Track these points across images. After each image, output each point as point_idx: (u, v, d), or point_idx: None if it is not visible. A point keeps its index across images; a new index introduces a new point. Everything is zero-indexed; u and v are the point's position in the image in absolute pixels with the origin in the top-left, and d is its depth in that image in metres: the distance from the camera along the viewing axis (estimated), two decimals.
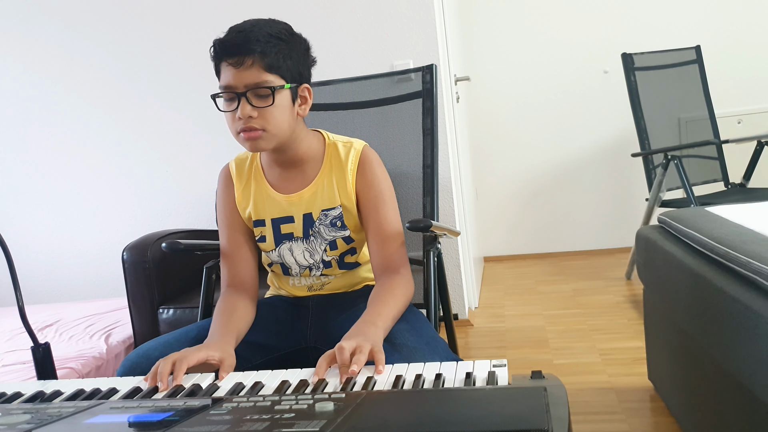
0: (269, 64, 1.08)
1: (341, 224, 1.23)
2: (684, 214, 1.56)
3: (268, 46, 1.08)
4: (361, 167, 1.22)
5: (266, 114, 1.10)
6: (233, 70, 1.08)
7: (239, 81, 1.08)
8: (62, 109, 2.85)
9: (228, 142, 2.75)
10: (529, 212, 3.84)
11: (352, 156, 1.22)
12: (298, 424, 0.60)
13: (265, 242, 1.25)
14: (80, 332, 2.16)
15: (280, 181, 1.24)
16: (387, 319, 1.05)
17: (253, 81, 1.08)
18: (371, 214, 1.21)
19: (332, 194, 1.22)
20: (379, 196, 1.21)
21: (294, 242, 1.24)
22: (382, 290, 1.14)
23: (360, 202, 1.22)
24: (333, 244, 1.23)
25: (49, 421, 0.68)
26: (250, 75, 1.08)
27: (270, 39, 1.08)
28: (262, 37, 1.08)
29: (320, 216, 1.22)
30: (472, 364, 0.80)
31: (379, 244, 1.20)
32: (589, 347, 2.27)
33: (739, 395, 1.14)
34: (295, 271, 1.26)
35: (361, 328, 0.99)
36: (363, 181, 1.21)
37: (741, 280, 1.13)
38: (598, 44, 3.57)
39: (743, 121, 3.39)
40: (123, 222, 2.89)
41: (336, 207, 1.22)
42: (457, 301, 2.65)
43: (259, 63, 1.08)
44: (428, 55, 2.50)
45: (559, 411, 0.58)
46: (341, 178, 1.21)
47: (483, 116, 3.77)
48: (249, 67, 1.07)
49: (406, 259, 1.22)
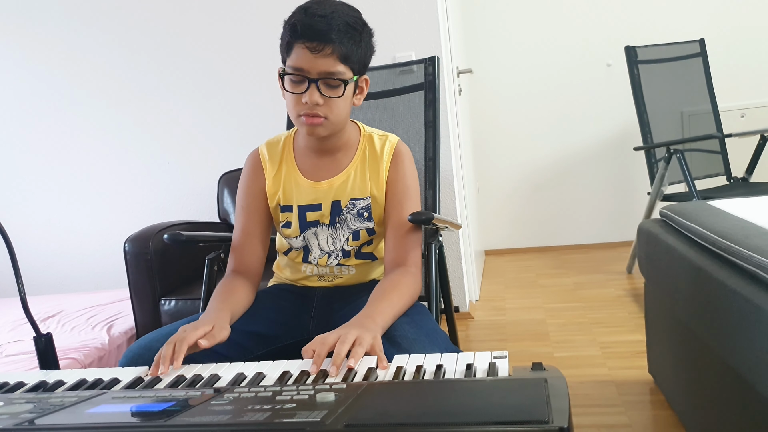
0: (344, 56, 1.08)
1: (368, 215, 1.23)
2: (686, 208, 1.56)
3: (346, 37, 1.08)
4: (395, 159, 1.23)
5: (332, 103, 1.11)
6: (309, 54, 1.07)
7: (314, 67, 1.07)
8: (64, 101, 2.85)
9: (230, 135, 2.75)
10: (530, 205, 3.84)
11: (388, 148, 1.23)
12: (300, 414, 0.60)
13: (290, 228, 1.25)
14: (82, 323, 2.16)
15: (311, 168, 1.24)
16: (387, 317, 1.03)
17: (327, 70, 1.08)
18: (395, 207, 1.21)
19: (364, 184, 1.22)
20: (406, 192, 1.22)
21: (320, 228, 1.24)
22: (388, 285, 1.13)
23: (387, 194, 1.23)
24: (356, 235, 1.24)
25: (52, 411, 0.68)
26: (326, 63, 1.07)
27: (348, 29, 1.08)
28: (342, 26, 1.07)
29: (348, 205, 1.23)
30: (472, 356, 0.80)
31: (396, 239, 1.20)
32: (589, 340, 2.27)
33: (740, 388, 1.14)
34: (315, 256, 1.26)
35: (361, 321, 0.99)
36: (394, 174, 1.22)
37: (743, 274, 1.13)
38: (601, 37, 3.56)
39: (746, 114, 3.38)
40: (125, 213, 2.89)
41: (365, 197, 1.22)
42: (458, 293, 2.66)
43: (336, 53, 1.07)
44: (430, 47, 2.49)
45: (560, 402, 0.58)
46: (374, 169, 1.22)
47: (485, 109, 3.76)
48: (326, 55, 1.07)
49: (419, 260, 1.22)
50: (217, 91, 2.73)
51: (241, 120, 2.73)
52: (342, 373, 0.83)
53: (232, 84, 2.71)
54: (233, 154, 2.74)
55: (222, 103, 2.74)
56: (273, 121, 2.63)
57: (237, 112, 2.73)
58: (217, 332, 0.98)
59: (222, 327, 1.01)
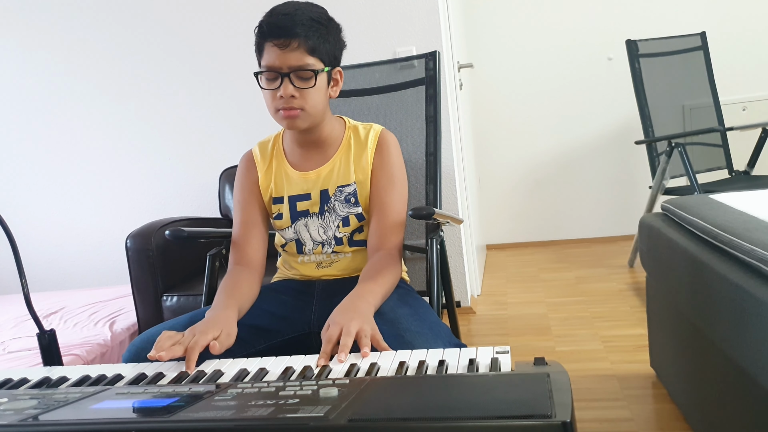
0: (311, 48, 1.14)
1: (355, 200, 1.27)
2: (687, 202, 1.56)
3: (311, 30, 1.13)
4: (379, 147, 1.28)
5: (306, 95, 1.16)
6: (278, 51, 1.13)
7: (284, 62, 1.13)
8: (66, 98, 2.85)
9: (231, 131, 2.75)
10: (532, 200, 3.83)
11: (372, 135, 1.29)
12: (303, 409, 0.60)
13: (281, 219, 1.29)
14: (85, 319, 2.17)
15: (300, 161, 1.30)
16: (378, 296, 1.09)
17: (296, 63, 1.13)
18: (379, 193, 1.25)
19: (348, 171, 1.27)
20: (391, 179, 1.26)
21: (310, 218, 1.28)
22: (372, 269, 1.17)
23: (372, 180, 1.27)
24: (346, 221, 1.27)
25: (56, 407, 0.68)
26: (295, 57, 1.13)
27: (312, 23, 1.14)
28: (306, 21, 1.13)
29: (335, 192, 1.27)
30: (475, 351, 0.81)
31: (379, 225, 1.24)
32: (591, 334, 2.28)
33: (742, 382, 1.14)
34: (309, 247, 1.30)
35: (354, 303, 1.02)
36: (379, 161, 1.27)
37: (744, 268, 1.13)
38: (602, 31, 3.55)
39: (748, 108, 3.37)
40: (127, 210, 2.90)
41: (350, 184, 1.26)
42: (459, 288, 2.66)
43: (303, 46, 1.13)
44: (431, 42, 2.49)
45: (563, 397, 0.58)
46: (359, 156, 1.27)
47: (486, 103, 3.75)
48: (294, 50, 1.13)
49: (400, 246, 1.26)
50: (219, 87, 2.72)
51: (242, 116, 2.73)
52: (345, 368, 0.83)
53: (233, 80, 2.71)
54: (235, 149, 2.74)
55: (224, 98, 2.73)
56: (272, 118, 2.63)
57: (238, 107, 2.73)
58: (224, 338, 0.99)
59: (229, 333, 1.02)
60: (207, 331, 0.97)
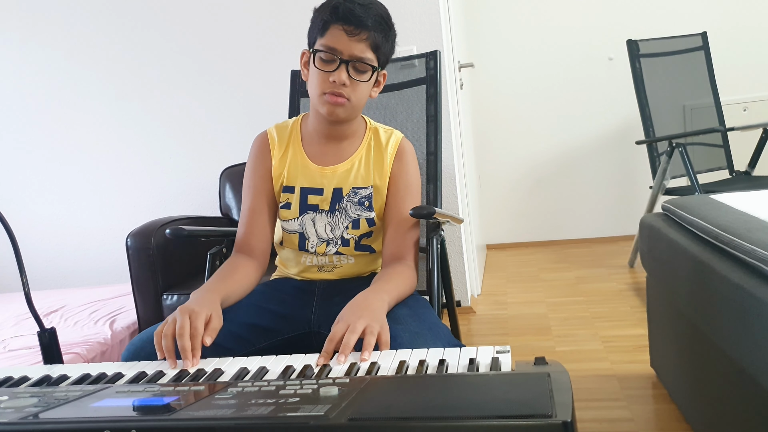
0: (375, 44, 1.15)
1: (369, 204, 1.25)
2: (688, 202, 1.56)
3: (380, 27, 1.15)
4: (399, 155, 1.27)
5: (357, 87, 1.16)
6: (345, 36, 1.12)
7: (347, 49, 1.13)
8: (67, 97, 2.85)
9: (232, 130, 2.75)
10: (532, 200, 3.83)
11: (393, 141, 1.27)
12: (303, 408, 0.60)
13: (289, 210, 1.26)
14: (85, 318, 2.17)
15: (318, 153, 1.27)
16: (393, 294, 1.08)
17: (359, 54, 1.13)
18: (396, 202, 1.24)
19: (367, 174, 1.25)
20: (408, 188, 1.25)
21: (318, 214, 1.26)
22: (387, 273, 1.17)
23: (389, 188, 1.26)
24: (356, 223, 1.26)
25: (56, 405, 0.68)
26: (359, 47, 1.13)
27: (381, 21, 1.15)
28: (377, 17, 1.14)
29: (350, 193, 1.25)
30: (475, 350, 0.80)
31: (396, 234, 1.23)
32: (591, 334, 2.28)
33: (742, 382, 1.14)
34: (312, 243, 1.27)
35: (368, 297, 1.02)
36: (398, 169, 1.26)
37: (745, 268, 1.13)
38: (603, 30, 3.54)
39: (749, 108, 3.37)
40: (127, 208, 2.90)
41: (368, 187, 1.25)
42: (459, 288, 2.66)
43: (370, 40, 1.14)
44: (432, 41, 2.49)
45: (563, 397, 0.58)
46: (379, 160, 1.26)
47: (486, 103, 3.75)
48: (361, 40, 1.13)
49: (416, 256, 1.25)
50: (220, 87, 2.72)
51: (243, 115, 2.73)
52: (345, 367, 0.83)
53: (234, 79, 2.71)
54: (235, 149, 2.74)
55: (224, 98, 2.73)
56: (274, 117, 2.63)
57: (239, 107, 2.73)
58: (215, 321, 0.98)
59: (216, 316, 1.00)
60: (200, 312, 0.96)
